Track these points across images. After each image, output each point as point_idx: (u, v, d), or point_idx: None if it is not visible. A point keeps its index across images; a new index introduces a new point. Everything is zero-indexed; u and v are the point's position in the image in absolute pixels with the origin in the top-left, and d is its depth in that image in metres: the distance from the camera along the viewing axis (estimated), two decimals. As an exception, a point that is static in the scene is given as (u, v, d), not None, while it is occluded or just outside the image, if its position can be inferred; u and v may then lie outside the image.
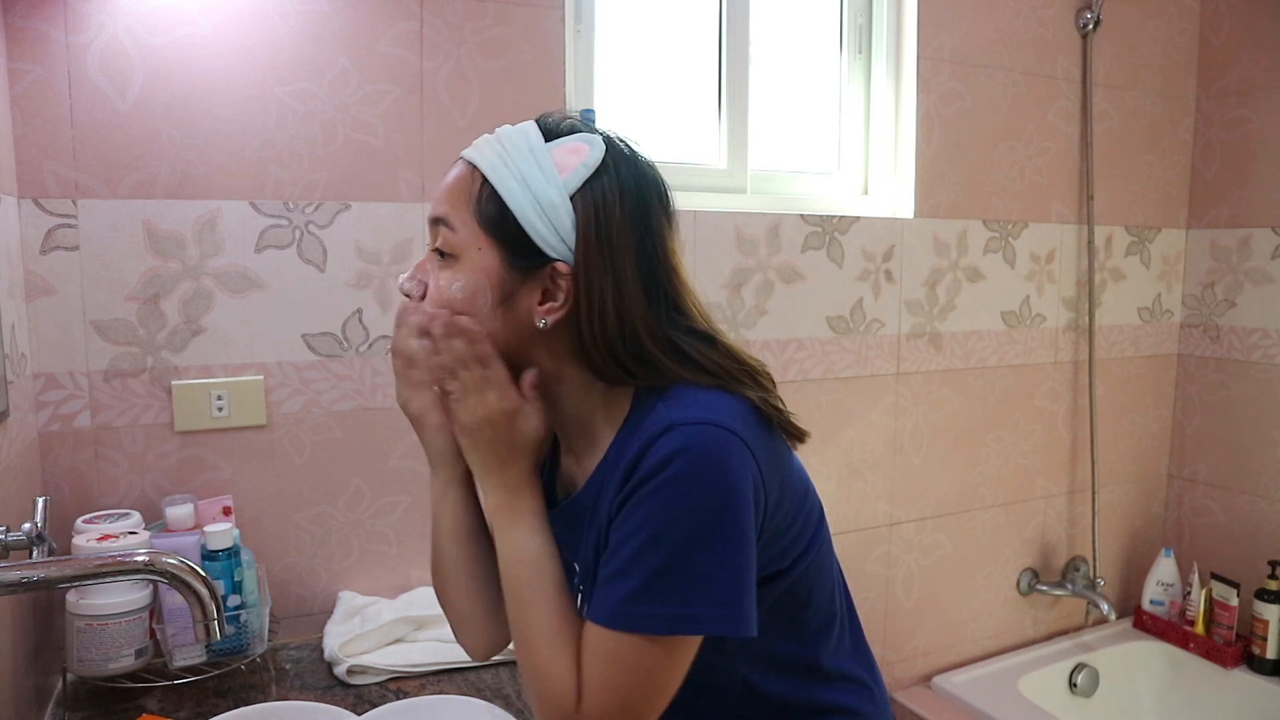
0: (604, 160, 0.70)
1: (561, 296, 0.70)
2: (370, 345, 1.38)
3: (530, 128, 0.73)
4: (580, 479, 0.78)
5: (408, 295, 0.76)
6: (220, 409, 1.29)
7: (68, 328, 1.20)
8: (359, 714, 1.01)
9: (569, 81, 1.49)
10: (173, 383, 1.26)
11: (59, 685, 1.11)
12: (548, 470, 0.84)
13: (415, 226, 1.38)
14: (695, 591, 0.65)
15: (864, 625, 0.88)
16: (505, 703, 1.08)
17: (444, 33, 1.37)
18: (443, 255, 0.73)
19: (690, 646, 0.68)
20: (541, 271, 0.70)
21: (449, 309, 0.71)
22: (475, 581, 0.83)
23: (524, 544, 0.72)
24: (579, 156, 0.70)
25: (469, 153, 0.73)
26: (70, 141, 1.18)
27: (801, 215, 1.70)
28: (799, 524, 0.74)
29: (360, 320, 1.36)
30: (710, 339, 0.73)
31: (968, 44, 1.82)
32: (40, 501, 0.94)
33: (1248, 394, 2.08)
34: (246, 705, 1.01)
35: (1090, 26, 1.93)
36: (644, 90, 1.69)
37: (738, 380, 0.72)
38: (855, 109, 1.85)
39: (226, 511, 1.24)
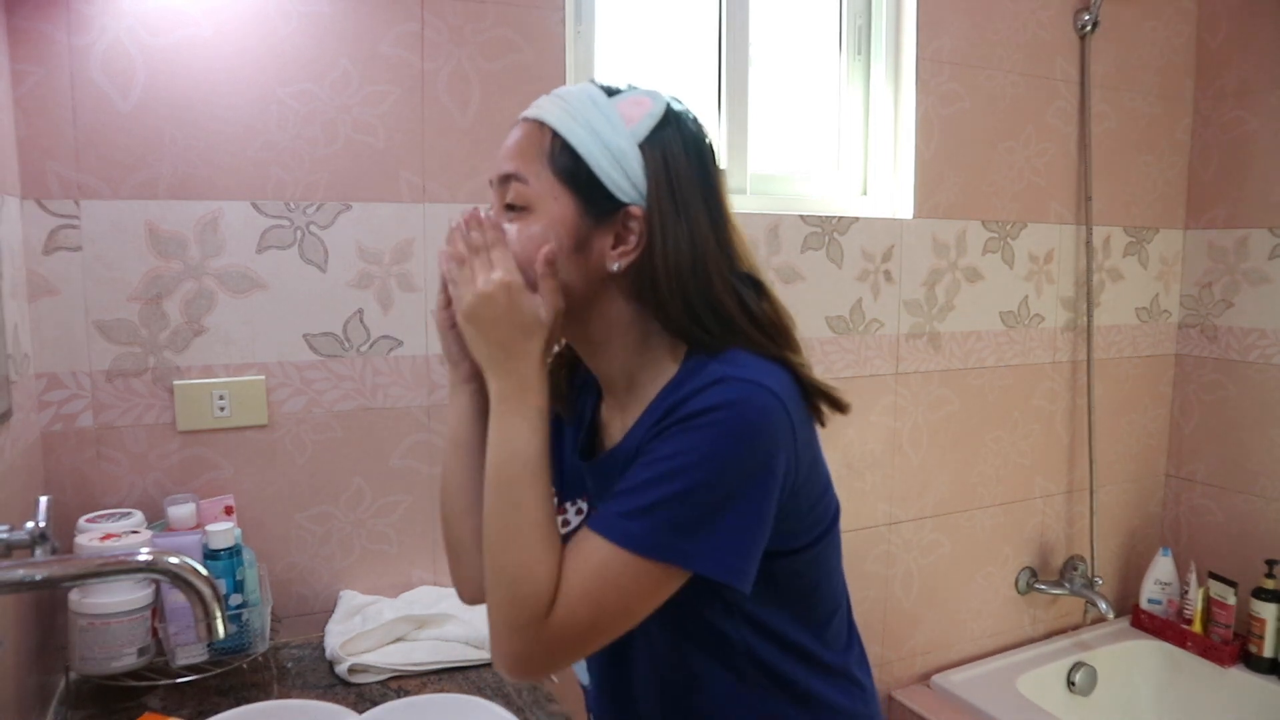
0: (665, 112, 0.73)
1: (634, 239, 0.72)
2: (371, 345, 1.38)
3: (589, 85, 0.76)
4: (620, 434, 0.78)
5: None
6: (222, 409, 1.29)
7: (70, 328, 1.21)
8: (360, 712, 1.02)
9: (569, 82, 1.49)
10: (175, 382, 1.27)
11: (61, 684, 1.12)
12: (589, 424, 0.85)
13: (416, 227, 1.39)
14: (698, 530, 0.66)
15: (864, 624, 0.89)
16: (506, 701, 1.08)
17: (445, 34, 1.38)
18: (512, 209, 0.74)
19: (673, 582, 0.68)
20: (614, 216, 0.72)
21: (524, 259, 0.72)
22: (474, 498, 0.78)
23: (523, 439, 0.71)
24: (643, 108, 0.73)
25: (532, 112, 0.75)
26: (73, 142, 1.19)
27: (801, 216, 1.70)
28: (817, 511, 0.76)
29: (361, 320, 1.37)
30: (760, 286, 0.76)
31: (966, 45, 1.82)
32: (43, 501, 0.94)
33: (1245, 394, 2.08)
34: (248, 704, 1.02)
35: (1088, 28, 1.94)
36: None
37: (786, 338, 0.74)
38: (854, 110, 1.86)
39: (228, 511, 1.24)
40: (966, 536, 1.98)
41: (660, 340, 0.75)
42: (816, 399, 0.74)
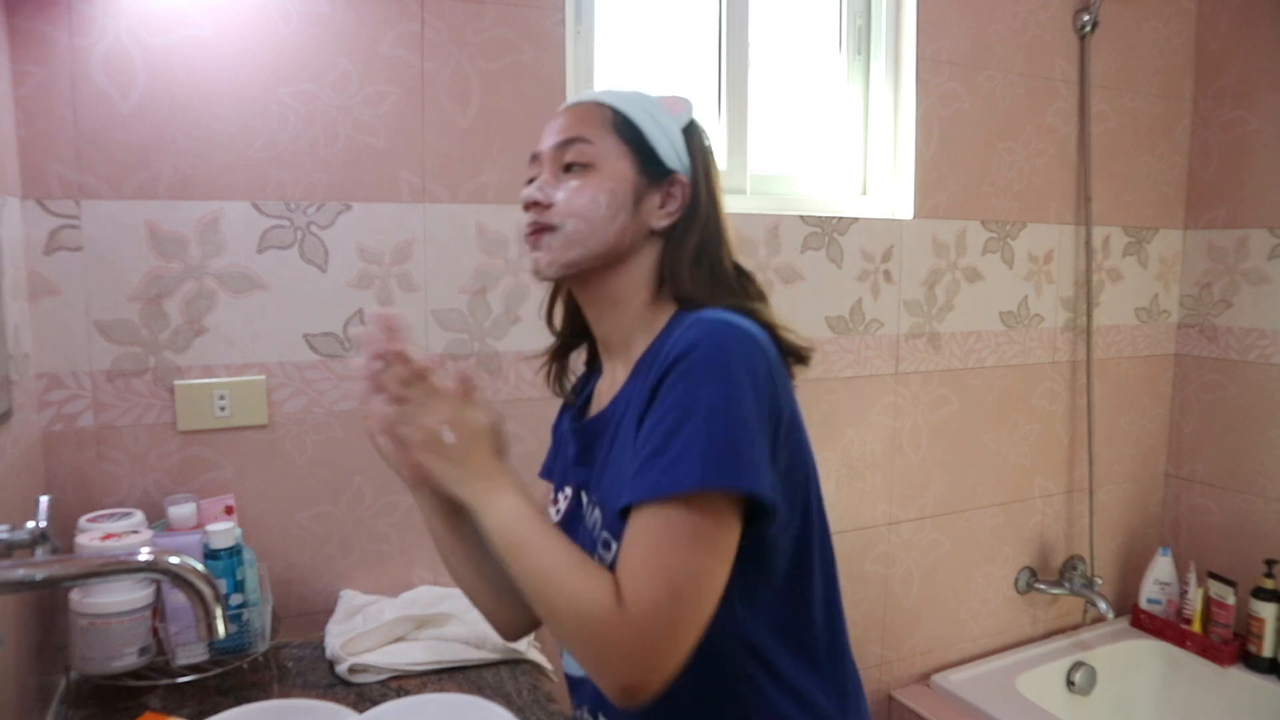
0: (693, 116, 0.86)
1: (675, 204, 0.82)
2: (371, 345, 1.38)
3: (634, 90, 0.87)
4: (608, 396, 0.84)
5: (536, 203, 0.81)
6: (222, 409, 1.29)
7: (71, 328, 1.21)
8: (360, 712, 1.02)
9: (569, 82, 1.49)
10: (175, 382, 1.27)
11: (62, 684, 1.12)
12: (586, 390, 0.92)
13: (416, 227, 1.39)
14: (722, 454, 0.67)
15: (864, 624, 0.89)
16: (506, 701, 1.08)
17: (445, 34, 1.38)
18: (572, 168, 0.81)
19: (729, 527, 0.68)
20: (663, 181, 0.82)
21: (595, 208, 0.79)
22: (482, 569, 0.90)
23: (510, 506, 0.73)
24: (681, 105, 0.86)
25: (585, 97, 0.85)
26: (73, 143, 1.19)
27: (801, 216, 1.70)
28: (798, 474, 0.76)
29: (362, 320, 1.37)
30: (747, 273, 0.86)
31: (966, 46, 1.82)
32: (43, 500, 0.94)
33: (1244, 394, 2.08)
34: (248, 703, 1.02)
35: (1088, 28, 1.94)
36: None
37: (766, 304, 0.82)
38: (854, 110, 1.86)
39: (229, 511, 1.24)
40: (966, 536, 1.98)
41: (663, 304, 0.82)
42: (787, 357, 0.79)
